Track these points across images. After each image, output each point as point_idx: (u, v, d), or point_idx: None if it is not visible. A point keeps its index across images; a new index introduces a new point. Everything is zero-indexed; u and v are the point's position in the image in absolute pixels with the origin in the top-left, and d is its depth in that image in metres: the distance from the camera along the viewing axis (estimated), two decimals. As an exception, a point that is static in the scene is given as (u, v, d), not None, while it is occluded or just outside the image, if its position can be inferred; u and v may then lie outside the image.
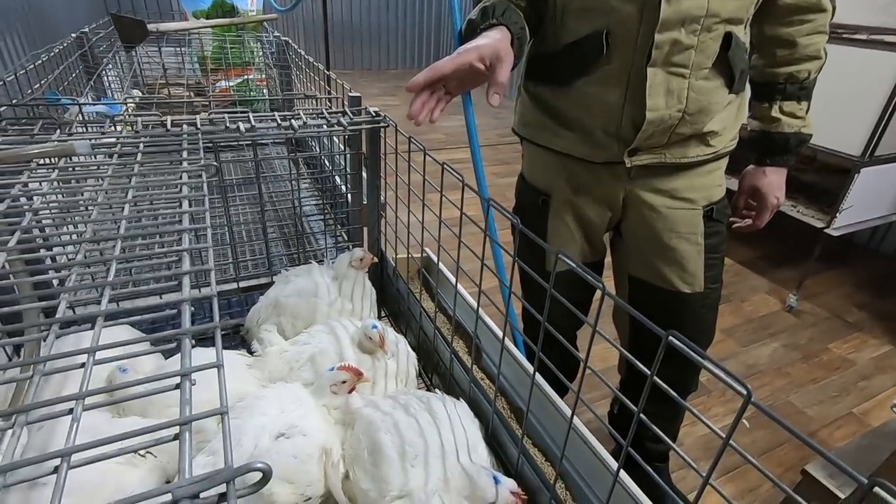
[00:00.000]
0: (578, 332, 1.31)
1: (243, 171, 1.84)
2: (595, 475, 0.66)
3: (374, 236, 1.22)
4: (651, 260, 1.10)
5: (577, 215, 1.13)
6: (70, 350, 0.36)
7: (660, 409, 1.19)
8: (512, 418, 0.82)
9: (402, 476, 0.67)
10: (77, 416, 0.30)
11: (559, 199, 1.13)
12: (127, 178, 0.65)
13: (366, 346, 0.88)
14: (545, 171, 1.15)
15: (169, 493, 0.26)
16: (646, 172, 1.03)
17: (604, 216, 1.12)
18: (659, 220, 1.06)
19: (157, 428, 0.31)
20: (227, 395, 0.34)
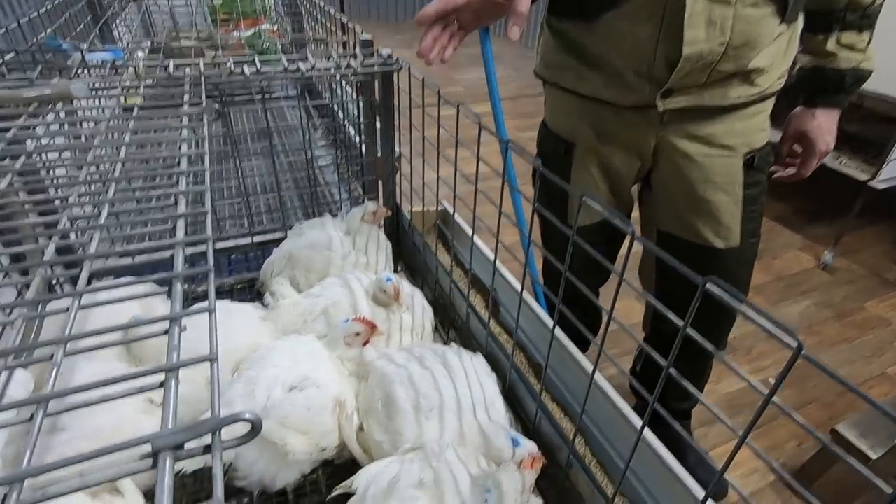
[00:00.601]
0: (601, 291, 1.27)
1: (257, 125, 1.80)
2: (617, 431, 0.64)
3: (389, 189, 1.18)
4: (683, 213, 1.02)
5: (603, 165, 1.06)
6: (57, 295, 0.33)
7: (687, 366, 1.15)
8: (530, 373, 0.80)
9: (416, 428, 0.66)
10: (57, 362, 0.28)
11: (583, 148, 1.06)
12: (125, 122, 0.62)
13: (380, 299, 0.86)
14: (568, 117, 1.07)
15: (148, 444, 0.24)
16: (680, 117, 0.94)
17: (632, 166, 1.04)
18: (693, 170, 0.97)
19: (144, 374, 0.29)
20: (216, 342, 0.31)
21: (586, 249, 0.50)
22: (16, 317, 0.31)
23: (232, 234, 1.20)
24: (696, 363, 1.17)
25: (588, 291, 0.52)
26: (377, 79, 1.05)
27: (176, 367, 0.29)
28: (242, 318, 0.83)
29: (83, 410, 0.64)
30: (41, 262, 0.37)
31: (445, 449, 0.61)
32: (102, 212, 0.43)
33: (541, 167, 0.55)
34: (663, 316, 0.43)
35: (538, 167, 0.54)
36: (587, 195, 0.48)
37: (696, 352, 1.11)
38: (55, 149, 0.55)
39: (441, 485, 0.56)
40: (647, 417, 0.48)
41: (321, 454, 0.69)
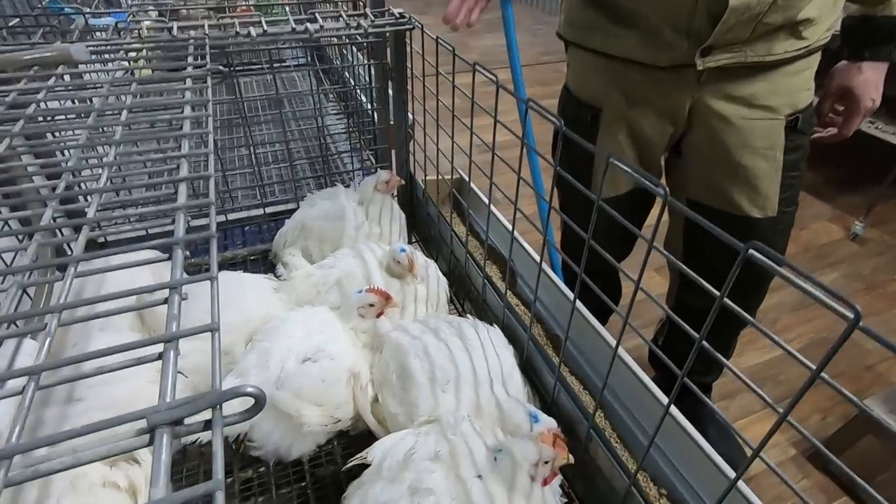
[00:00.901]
0: (623, 264, 1.23)
1: (268, 94, 1.77)
2: (639, 405, 0.62)
3: (403, 157, 1.15)
4: (717, 181, 0.96)
5: (633, 132, 1.00)
6: (50, 261, 0.32)
7: (715, 340, 1.11)
8: (548, 346, 0.78)
9: (431, 401, 0.64)
10: (51, 331, 0.26)
11: (611, 114, 0.99)
12: (127, 85, 0.59)
13: (394, 270, 0.84)
14: (595, 80, 1.01)
15: (144, 420, 0.22)
16: (719, 76, 0.88)
17: (664, 131, 0.97)
18: (731, 134, 0.91)
19: (142, 344, 0.27)
20: (218, 311, 0.29)
21: (609, 221, 0.47)
22: (9, 284, 0.29)
23: (244, 205, 1.19)
24: (724, 337, 1.13)
25: (613, 261, 0.48)
26: (389, 40, 1.01)
27: (175, 338, 0.27)
28: (255, 289, 0.82)
29: (98, 381, 0.64)
30: (38, 227, 0.35)
31: (461, 421, 0.60)
32: (102, 175, 0.40)
33: (563, 127, 0.51)
34: (691, 289, 0.40)
35: (560, 127, 0.51)
36: (615, 156, 0.45)
37: (724, 326, 1.07)
38: (57, 112, 0.53)
39: (457, 457, 0.55)
40: (675, 392, 0.45)
41: (336, 425, 0.68)
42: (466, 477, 0.53)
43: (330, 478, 0.70)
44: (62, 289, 0.29)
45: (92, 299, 0.29)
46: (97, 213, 0.37)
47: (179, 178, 0.40)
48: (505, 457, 0.54)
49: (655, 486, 0.59)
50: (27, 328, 0.28)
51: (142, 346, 0.27)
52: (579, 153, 1.02)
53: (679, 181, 1.05)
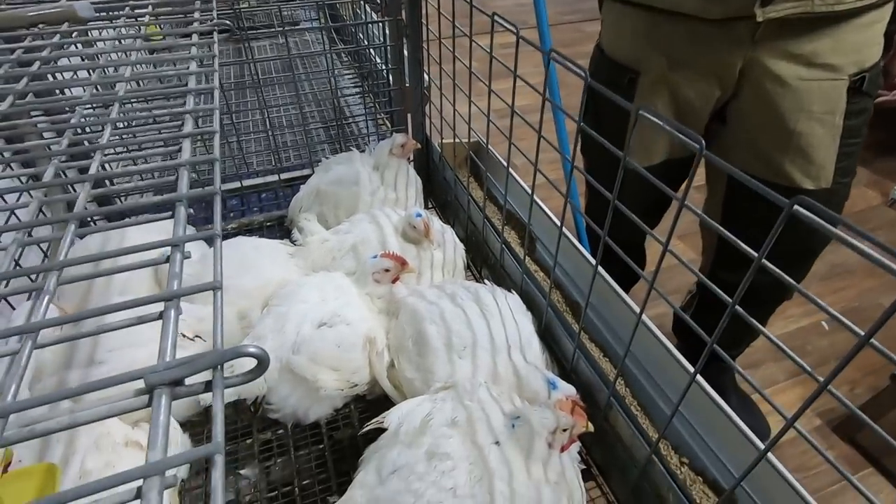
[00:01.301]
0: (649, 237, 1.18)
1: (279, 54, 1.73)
2: (662, 373, 0.60)
3: (419, 121, 1.11)
4: (765, 149, 0.88)
5: (674, 97, 0.91)
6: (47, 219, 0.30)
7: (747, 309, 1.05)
8: (568, 312, 0.76)
9: (448, 367, 0.64)
10: (49, 289, 0.25)
11: (651, 77, 0.90)
12: (132, 39, 0.57)
13: (410, 235, 0.82)
14: (633, 40, 0.92)
15: (141, 380, 0.21)
16: (777, 31, 0.79)
17: (709, 96, 0.89)
18: (786, 97, 0.82)
19: (143, 303, 0.26)
20: (221, 270, 0.28)
21: (637, 192, 0.43)
22: (9, 242, 0.28)
23: (259, 170, 1.18)
24: (758, 313, 1.07)
25: (642, 224, 0.46)
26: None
27: (176, 296, 0.25)
28: (271, 255, 0.81)
29: (118, 344, 0.64)
30: (39, 184, 0.34)
31: (478, 388, 0.59)
32: (105, 131, 0.39)
33: (588, 79, 0.47)
34: (727, 266, 0.37)
35: (586, 79, 0.47)
36: (647, 108, 0.41)
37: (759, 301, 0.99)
38: (63, 69, 0.51)
39: (474, 423, 0.54)
40: (704, 359, 0.43)
41: (352, 390, 0.68)
42: (483, 443, 0.53)
43: (347, 441, 0.70)
44: (62, 246, 0.28)
45: (90, 257, 0.28)
46: (99, 171, 0.36)
47: (183, 134, 0.39)
48: (522, 423, 0.53)
49: (677, 455, 0.58)
50: (25, 286, 0.27)
51: (142, 304, 0.25)
52: (610, 117, 0.94)
53: (721, 151, 0.96)
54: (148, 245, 0.29)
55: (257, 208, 1.19)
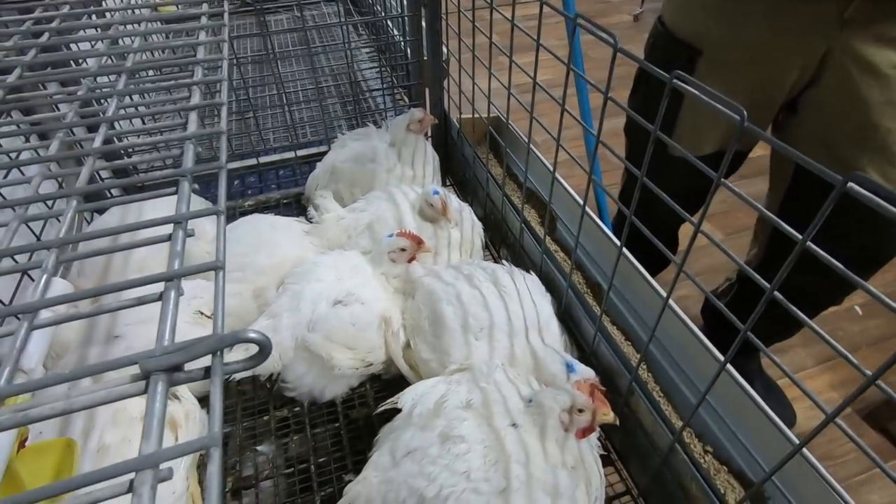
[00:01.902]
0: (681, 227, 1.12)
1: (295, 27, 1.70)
2: (687, 358, 0.57)
3: (437, 95, 1.08)
4: (839, 144, 0.79)
5: (741, 81, 0.82)
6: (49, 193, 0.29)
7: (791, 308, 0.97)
8: (589, 294, 0.73)
9: (464, 349, 0.62)
10: (47, 268, 0.24)
11: (714, 58, 0.81)
12: (142, 11, 0.55)
13: (427, 213, 0.80)
14: (700, 14, 0.82)
15: (136, 365, 0.20)
16: (870, 10, 0.69)
17: (783, 82, 0.79)
18: (874, 87, 0.72)
19: (147, 282, 0.25)
20: (224, 249, 0.26)
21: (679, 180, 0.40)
22: (11, 219, 0.27)
23: (275, 147, 1.16)
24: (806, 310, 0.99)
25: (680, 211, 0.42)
26: (421, -39, 0.92)
27: (177, 276, 0.24)
28: (286, 232, 0.81)
29: (135, 319, 0.64)
30: (48, 156, 0.33)
31: (494, 370, 0.57)
32: (111, 103, 0.38)
33: (617, 44, 0.44)
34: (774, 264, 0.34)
35: (615, 45, 0.44)
36: (678, 77, 0.38)
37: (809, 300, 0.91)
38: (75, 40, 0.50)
39: (490, 406, 0.53)
40: (735, 348, 0.40)
41: (367, 369, 0.68)
42: (500, 425, 0.51)
43: (362, 420, 0.70)
44: (63, 221, 0.27)
45: (98, 232, 0.26)
46: (108, 144, 0.34)
47: (189, 107, 0.37)
48: (536, 402, 0.52)
49: (700, 443, 0.56)
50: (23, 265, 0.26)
51: (147, 283, 0.24)
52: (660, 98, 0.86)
53: (789, 142, 0.88)
54: (150, 222, 0.28)
55: (275, 185, 1.18)
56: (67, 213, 0.27)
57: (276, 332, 0.66)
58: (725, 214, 1.77)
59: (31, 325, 0.22)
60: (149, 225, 0.28)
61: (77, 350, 0.64)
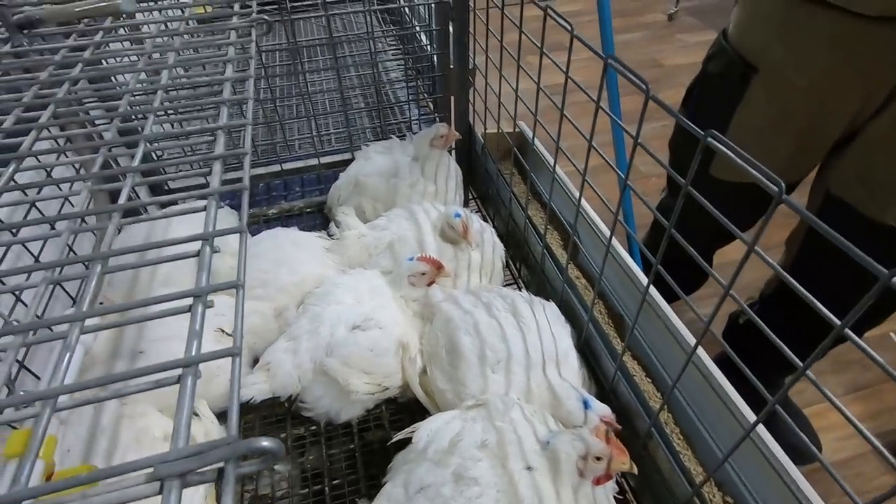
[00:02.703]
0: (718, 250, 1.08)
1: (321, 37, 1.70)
2: (714, 411, 0.56)
3: (462, 107, 1.07)
4: (883, 187, 0.72)
5: (797, 105, 0.77)
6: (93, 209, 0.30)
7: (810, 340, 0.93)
8: (610, 325, 0.72)
9: (480, 381, 0.62)
10: (92, 279, 0.25)
11: (770, 78, 0.76)
12: (171, 38, 0.56)
13: (448, 235, 0.80)
14: (761, 27, 0.77)
15: (150, 469, 0.20)
16: None
17: (845, 111, 0.73)
18: None
19: (172, 298, 0.25)
20: (245, 267, 0.27)
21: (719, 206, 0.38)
22: (62, 230, 0.28)
23: (300, 155, 1.17)
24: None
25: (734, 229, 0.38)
26: (450, -25, 0.91)
27: (204, 293, 0.24)
28: (308, 249, 0.81)
29: (159, 335, 0.66)
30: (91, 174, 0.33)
31: (511, 407, 0.57)
32: (147, 123, 0.38)
33: (649, 91, 0.42)
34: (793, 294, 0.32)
35: (647, 92, 0.42)
36: (713, 135, 0.36)
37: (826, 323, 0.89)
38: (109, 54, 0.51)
39: (505, 446, 0.53)
40: (763, 416, 0.39)
41: (384, 393, 0.68)
42: (514, 468, 0.51)
43: (378, 443, 0.70)
44: (106, 237, 0.28)
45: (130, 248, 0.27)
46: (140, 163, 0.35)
47: (217, 127, 0.37)
48: (553, 446, 0.51)
49: (720, 493, 0.54)
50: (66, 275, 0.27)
51: (168, 300, 0.25)
52: (711, 119, 0.82)
53: (827, 168, 0.81)
54: (179, 239, 0.28)
55: (299, 192, 1.19)
56: (110, 228, 0.28)
57: (295, 355, 0.67)
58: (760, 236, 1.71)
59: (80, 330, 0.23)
60: (178, 242, 0.28)
61: (105, 363, 0.66)
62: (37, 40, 0.58)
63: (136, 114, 0.41)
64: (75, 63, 0.50)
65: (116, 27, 0.59)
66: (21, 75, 0.51)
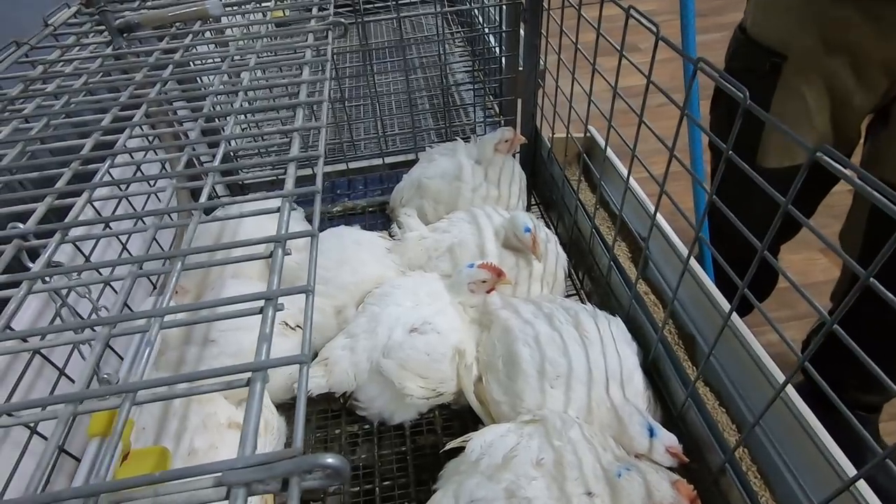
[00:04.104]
0: (786, 245, 1.02)
1: (395, 38, 1.72)
2: (791, 437, 0.51)
3: (530, 110, 1.04)
4: None
5: (829, 87, 0.79)
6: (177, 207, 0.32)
7: (885, 345, 0.89)
8: (679, 346, 0.67)
9: (538, 396, 0.60)
10: (175, 273, 0.26)
11: (799, 64, 0.78)
12: (253, 41, 0.58)
13: (512, 243, 0.78)
14: (785, 18, 0.79)
15: (219, 475, 0.20)
16: None
17: (873, 89, 0.75)
18: None
19: (243, 300, 0.26)
20: (315, 271, 0.28)
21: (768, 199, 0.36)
22: (149, 225, 0.30)
23: (365, 155, 1.19)
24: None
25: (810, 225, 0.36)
26: (526, -24, 0.89)
27: (275, 296, 0.25)
28: (370, 250, 0.82)
29: (228, 326, 0.69)
30: (176, 172, 0.35)
31: (570, 426, 0.54)
32: (228, 124, 0.40)
33: (747, 100, 0.38)
34: (862, 297, 0.29)
35: (744, 101, 0.38)
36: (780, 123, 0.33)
37: None
38: (197, 56, 0.54)
39: (563, 468, 0.50)
40: (871, 467, 0.34)
41: (438, 398, 0.68)
42: (573, 492, 0.49)
43: (429, 448, 0.70)
44: (186, 234, 0.29)
45: (208, 247, 0.28)
46: (220, 163, 0.37)
47: (292, 129, 0.38)
48: (631, 480, 0.48)
49: (801, 542, 0.49)
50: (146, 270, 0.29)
51: (242, 301, 0.26)
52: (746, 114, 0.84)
53: (877, 154, 0.82)
54: (254, 240, 0.29)
55: (362, 190, 1.21)
56: (191, 226, 0.29)
57: (353, 353, 0.68)
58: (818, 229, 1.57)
59: (160, 325, 0.23)
60: (251, 243, 0.29)
61: (178, 348, 0.69)
62: (134, 43, 0.62)
63: (219, 115, 0.43)
64: (166, 65, 0.53)
65: (203, 30, 0.62)
66: (119, 76, 0.55)
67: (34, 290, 0.30)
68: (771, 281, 1.09)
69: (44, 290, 0.31)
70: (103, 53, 0.56)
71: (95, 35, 0.62)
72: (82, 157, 0.39)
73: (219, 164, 0.37)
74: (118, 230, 0.53)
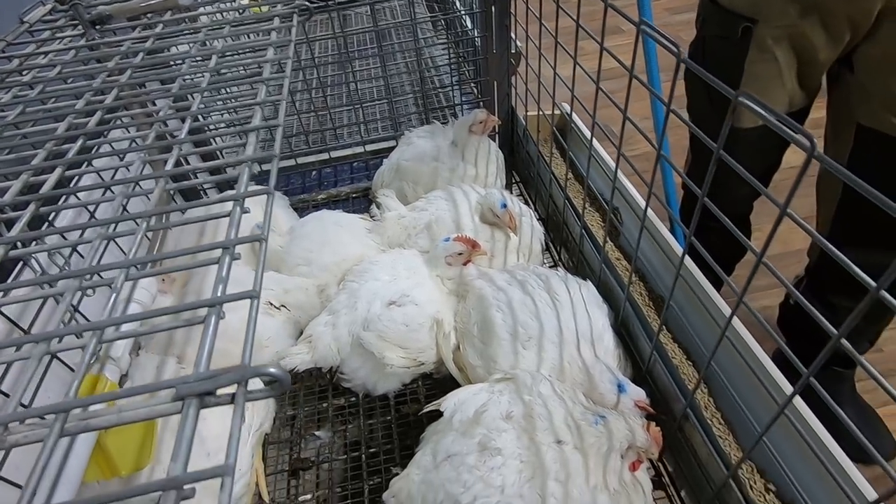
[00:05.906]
0: (758, 204, 1.05)
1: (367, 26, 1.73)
2: (751, 386, 0.53)
3: (505, 91, 1.06)
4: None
5: (796, 48, 0.82)
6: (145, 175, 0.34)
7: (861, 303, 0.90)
8: (650, 307, 0.70)
9: (511, 357, 0.62)
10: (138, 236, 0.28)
11: (770, 27, 0.81)
12: (221, 28, 0.60)
13: (488, 217, 0.80)
14: None
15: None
16: None
17: (837, 43, 0.79)
18: None
19: (187, 308, 0.28)
20: (269, 224, 0.30)
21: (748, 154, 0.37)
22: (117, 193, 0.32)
23: (347, 143, 1.21)
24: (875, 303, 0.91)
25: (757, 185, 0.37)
26: (491, -44, 0.90)
27: (219, 303, 0.27)
28: (351, 230, 0.84)
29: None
30: (146, 145, 0.37)
31: (539, 381, 0.57)
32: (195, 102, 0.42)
33: (680, 56, 0.41)
34: (843, 244, 0.31)
35: (678, 56, 0.41)
36: (747, 97, 0.35)
37: None
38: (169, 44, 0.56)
39: (533, 420, 0.53)
40: (800, 386, 0.37)
41: (419, 368, 0.70)
42: (543, 441, 0.51)
43: (413, 415, 0.72)
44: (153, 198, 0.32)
45: (168, 208, 0.30)
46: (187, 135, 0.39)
47: (249, 128, 0.40)
48: (603, 430, 0.51)
49: (762, 480, 0.52)
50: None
51: (186, 309, 0.28)
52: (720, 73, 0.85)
53: (848, 102, 0.84)
54: (205, 246, 0.31)
55: (348, 178, 1.23)
56: (156, 190, 0.32)
57: (335, 328, 0.70)
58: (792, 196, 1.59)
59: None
60: (202, 249, 0.31)
61: (167, 333, 0.72)
62: (108, 34, 0.63)
63: (186, 93, 0.45)
64: (137, 52, 0.55)
65: (175, 20, 0.64)
66: (94, 65, 0.57)
67: (10, 255, 0.32)
68: (739, 249, 1.11)
69: (19, 255, 0.33)
70: (77, 45, 0.58)
71: (70, 29, 0.64)
72: (57, 137, 0.41)
73: (185, 136, 0.39)
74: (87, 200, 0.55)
